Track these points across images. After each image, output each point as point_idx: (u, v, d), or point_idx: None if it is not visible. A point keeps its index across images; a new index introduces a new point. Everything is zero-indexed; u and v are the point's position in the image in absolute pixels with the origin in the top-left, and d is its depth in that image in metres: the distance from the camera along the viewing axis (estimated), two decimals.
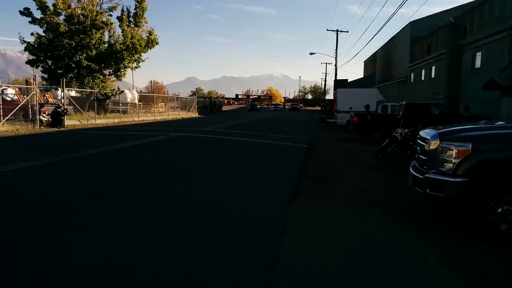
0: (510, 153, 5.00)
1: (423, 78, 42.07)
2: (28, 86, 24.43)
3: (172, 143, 16.25)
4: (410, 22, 48.98)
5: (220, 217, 5.89)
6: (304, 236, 5.12)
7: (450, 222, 6.00)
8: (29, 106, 22.08)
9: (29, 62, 30.30)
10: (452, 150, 5.24)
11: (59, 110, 23.12)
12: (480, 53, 27.79)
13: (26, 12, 29.12)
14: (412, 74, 46.48)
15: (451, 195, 5.24)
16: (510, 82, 20.82)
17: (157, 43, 34.72)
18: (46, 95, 39.75)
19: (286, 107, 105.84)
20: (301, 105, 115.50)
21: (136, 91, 49.46)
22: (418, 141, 6.36)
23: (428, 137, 5.72)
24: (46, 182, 8.12)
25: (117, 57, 32.04)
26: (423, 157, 5.92)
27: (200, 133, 20.73)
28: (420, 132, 6.39)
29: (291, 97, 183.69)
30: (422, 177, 5.64)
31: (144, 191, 7.48)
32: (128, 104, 40.43)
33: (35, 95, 22.04)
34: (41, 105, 22.81)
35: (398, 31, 53.52)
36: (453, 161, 5.22)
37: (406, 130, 13.04)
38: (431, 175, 5.47)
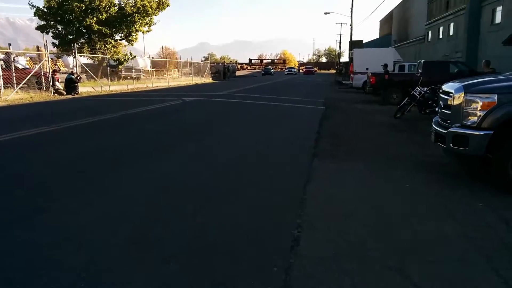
0: None
1: (441, 36, 40.85)
2: (40, 52, 24.31)
3: (189, 107, 16.25)
4: None
5: (242, 177, 5.94)
6: (325, 190, 5.13)
7: (473, 177, 5.96)
8: (42, 74, 22.05)
9: (39, 28, 30.08)
10: (477, 102, 5.12)
11: (73, 77, 23.10)
12: (500, 7, 26.74)
13: None
14: (429, 33, 45.13)
15: (475, 149, 5.16)
16: None
17: (168, 5, 34.13)
18: (58, 63, 39.75)
19: (301, 71, 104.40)
20: (315, 68, 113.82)
21: (148, 57, 49.11)
22: (441, 95, 6.21)
23: (452, 91, 5.57)
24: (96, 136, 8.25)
25: (128, 21, 31.61)
26: (447, 111, 5.80)
27: (216, 97, 20.67)
28: (443, 86, 6.24)
29: (305, 60, 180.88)
30: (445, 131, 5.55)
31: (176, 148, 7.56)
32: (141, 71, 40.28)
33: (47, 62, 21.99)
34: (54, 72, 22.77)
35: None
36: (478, 114, 5.11)
37: (426, 89, 12.77)
38: (455, 129, 5.38)
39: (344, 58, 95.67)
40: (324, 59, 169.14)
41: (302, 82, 43.88)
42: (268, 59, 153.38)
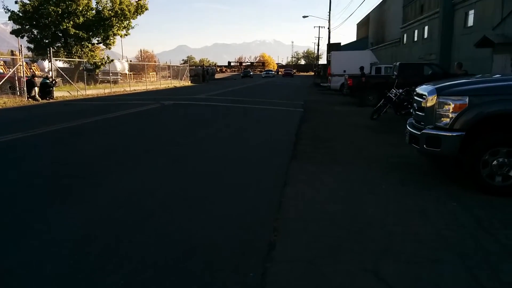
0: (506, 105, 5.00)
1: (416, 39, 41.65)
2: (14, 57, 23.74)
3: (166, 111, 16.12)
4: None
5: (220, 181, 5.92)
6: (303, 192, 5.17)
7: (447, 177, 6.09)
8: (16, 79, 21.52)
9: (14, 32, 29.35)
10: (449, 104, 5.24)
11: (48, 81, 22.62)
12: (473, 11, 27.46)
13: None
14: (405, 35, 45.98)
15: (448, 150, 5.28)
16: (503, 39, 20.71)
17: (146, 9, 33.74)
18: (33, 67, 38.88)
19: (280, 73, 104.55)
20: (294, 70, 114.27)
21: (126, 61, 48.54)
22: (415, 97, 6.34)
23: (425, 93, 5.69)
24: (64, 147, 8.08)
25: (106, 24, 31.13)
26: (420, 113, 5.92)
27: (194, 100, 20.56)
28: (416, 89, 6.37)
29: (284, 63, 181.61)
30: (419, 133, 5.66)
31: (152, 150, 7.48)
32: (119, 74, 39.75)
33: (21, 66, 21.51)
34: (33, 77, 22.24)
35: None
36: (450, 115, 5.23)
37: (401, 91, 13.01)
38: (428, 131, 5.49)
39: (323, 61, 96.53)
40: (303, 62, 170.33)
41: (281, 85, 44.02)
42: (247, 62, 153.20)
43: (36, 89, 21.57)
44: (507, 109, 5.00)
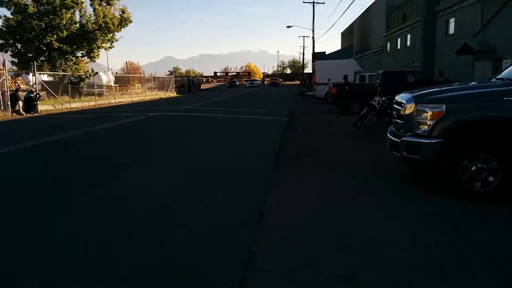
0: (482, 112, 5.09)
1: (399, 47, 42.30)
2: None
3: (150, 123, 16.07)
4: None
5: (203, 192, 5.91)
6: (284, 201, 5.18)
7: (427, 184, 6.16)
8: (0, 92, 21.29)
9: None
10: (427, 112, 5.32)
11: (32, 95, 22.46)
12: (453, 19, 28.05)
13: None
14: (388, 44, 46.66)
15: (427, 157, 5.35)
16: (483, 46, 21.14)
17: (130, 21, 33.78)
18: (18, 81, 38.51)
19: (266, 82, 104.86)
20: (280, 80, 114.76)
21: (111, 73, 48.38)
22: (394, 105, 6.42)
23: (404, 101, 5.78)
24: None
25: (90, 38, 31.07)
26: (399, 121, 6.00)
27: (179, 111, 20.55)
28: (396, 97, 6.46)
29: (270, 72, 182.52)
30: (398, 141, 5.73)
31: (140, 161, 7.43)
32: (104, 87, 39.58)
33: (5, 81, 21.31)
34: (17, 91, 22.01)
35: (374, 0, 53.35)
36: (428, 123, 5.31)
37: (384, 98, 13.15)
38: (407, 138, 5.56)
39: (308, 70, 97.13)
40: (288, 71, 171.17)
41: (267, 94, 44.24)
42: (233, 72, 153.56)
43: (20, 103, 21.36)
44: (484, 116, 5.09)
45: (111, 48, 33.92)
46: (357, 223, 4.44)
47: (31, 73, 26.62)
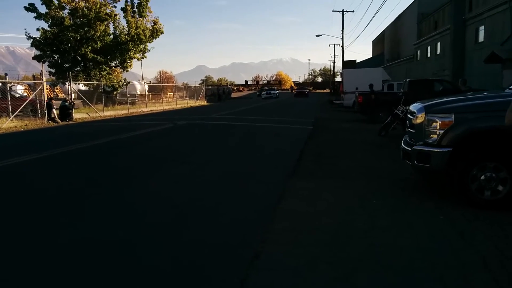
0: (491, 122, 5.15)
1: (429, 55, 41.72)
2: (36, 82, 24.83)
3: (178, 131, 16.59)
4: None
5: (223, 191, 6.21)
6: (297, 207, 5.40)
7: (439, 192, 6.22)
8: (37, 102, 22.46)
9: (36, 57, 30.73)
10: (437, 121, 5.44)
11: (66, 104, 23.58)
12: (483, 26, 27.56)
13: (31, 8, 29.44)
14: (418, 52, 46.08)
15: (437, 165, 5.45)
16: (511, 54, 20.68)
17: (162, 33, 34.90)
18: (56, 90, 40.28)
19: (293, 91, 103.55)
20: (310, 88, 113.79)
21: (145, 82, 49.81)
22: (408, 115, 6.55)
23: (415, 111, 5.91)
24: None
25: (122, 48, 32.31)
26: (412, 130, 6.13)
27: (207, 120, 21.03)
28: (410, 107, 6.58)
29: (301, 80, 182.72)
30: (410, 149, 5.85)
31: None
32: (137, 95, 40.82)
33: (42, 90, 22.45)
34: (51, 100, 23.19)
35: (405, 8, 52.84)
36: (438, 132, 5.42)
37: (407, 107, 13.12)
38: (418, 147, 5.69)
39: (339, 78, 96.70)
40: (320, 79, 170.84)
41: (295, 103, 44.42)
42: (264, 80, 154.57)
43: (55, 111, 22.43)
44: (492, 126, 5.15)
45: (143, 58, 35.12)
46: (363, 229, 4.58)
47: (67, 83, 27.91)
